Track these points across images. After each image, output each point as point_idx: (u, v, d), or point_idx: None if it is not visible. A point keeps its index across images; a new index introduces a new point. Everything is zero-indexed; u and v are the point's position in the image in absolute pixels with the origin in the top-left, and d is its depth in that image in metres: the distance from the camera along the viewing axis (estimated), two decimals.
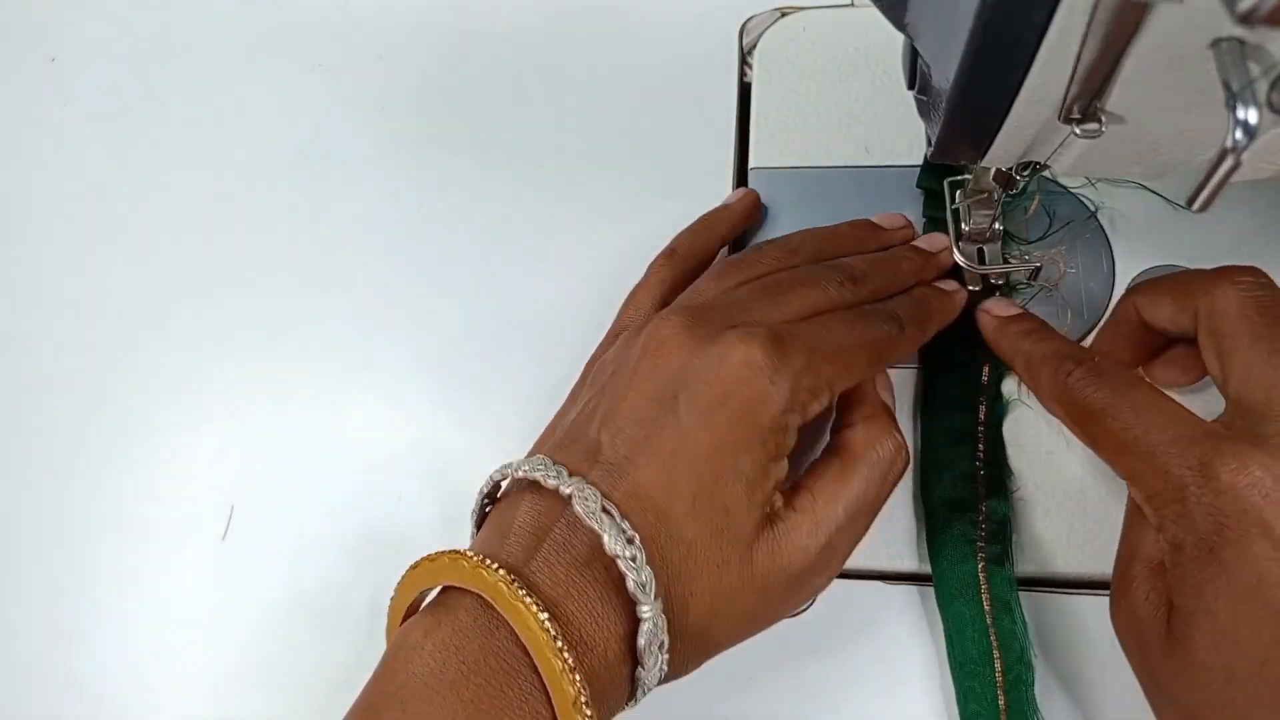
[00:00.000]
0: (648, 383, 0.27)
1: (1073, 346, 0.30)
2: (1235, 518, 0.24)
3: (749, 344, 0.27)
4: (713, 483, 0.26)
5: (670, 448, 0.26)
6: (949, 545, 0.32)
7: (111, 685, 0.37)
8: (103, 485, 0.40)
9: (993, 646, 0.31)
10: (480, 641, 0.24)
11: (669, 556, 0.25)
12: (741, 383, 0.26)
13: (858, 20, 0.41)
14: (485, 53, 0.45)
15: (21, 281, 0.44)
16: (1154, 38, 0.20)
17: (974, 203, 0.34)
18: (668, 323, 0.28)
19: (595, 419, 0.28)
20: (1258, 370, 0.26)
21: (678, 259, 0.35)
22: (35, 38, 0.49)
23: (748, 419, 0.26)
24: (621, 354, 0.30)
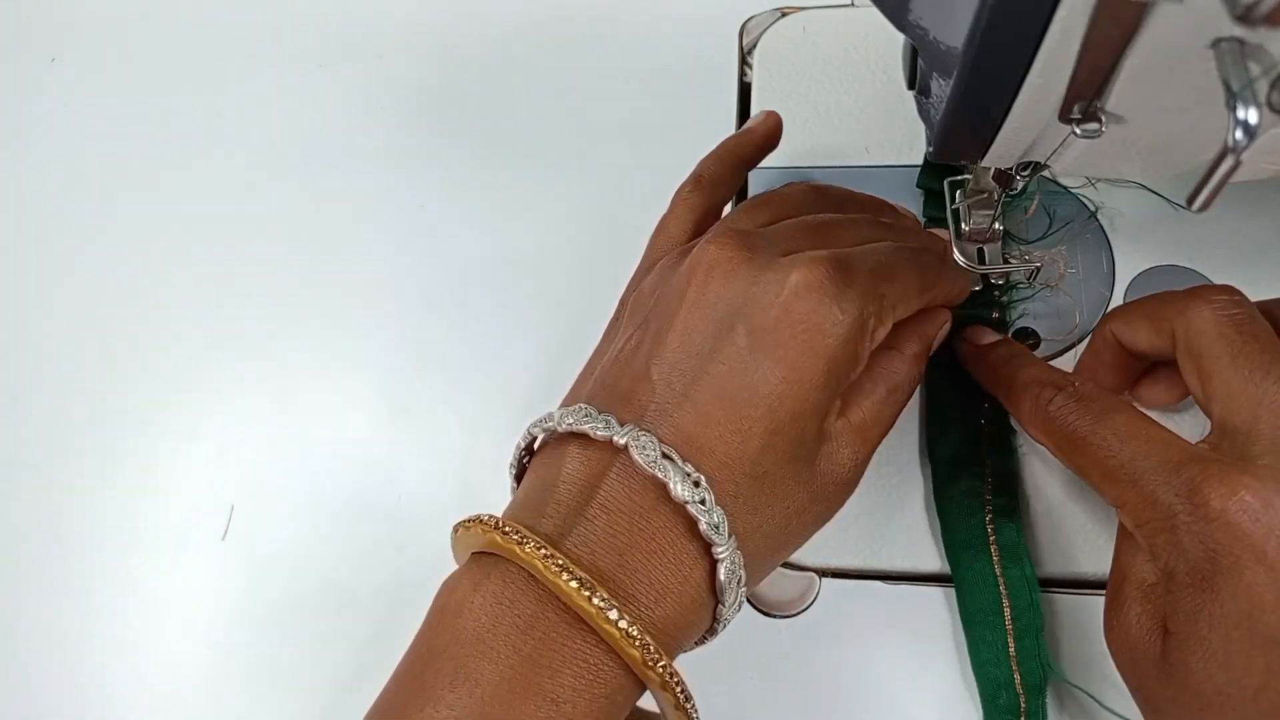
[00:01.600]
0: (700, 311, 0.26)
1: (1052, 372, 0.30)
2: (1227, 545, 0.23)
3: (811, 267, 0.25)
4: (788, 419, 0.25)
5: (736, 381, 0.25)
6: (956, 499, 0.32)
7: (111, 685, 0.37)
8: (103, 485, 0.40)
9: (1002, 597, 0.31)
10: (535, 595, 0.23)
11: (742, 490, 0.25)
12: (809, 310, 0.25)
13: (858, 20, 0.42)
14: (486, 53, 0.45)
15: (21, 281, 0.44)
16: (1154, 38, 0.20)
17: (974, 203, 0.34)
18: (715, 245, 0.27)
19: (640, 353, 0.27)
20: (1239, 390, 0.25)
21: (705, 184, 0.33)
22: (35, 38, 0.49)
23: (818, 348, 0.25)
24: (664, 281, 0.28)
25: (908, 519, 0.34)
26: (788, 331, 0.25)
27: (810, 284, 0.25)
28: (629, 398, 0.26)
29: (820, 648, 0.33)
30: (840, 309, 0.25)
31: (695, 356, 0.26)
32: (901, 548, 0.33)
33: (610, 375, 0.27)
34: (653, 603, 0.24)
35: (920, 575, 0.33)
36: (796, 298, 0.25)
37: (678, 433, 0.25)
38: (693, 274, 0.27)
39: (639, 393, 0.26)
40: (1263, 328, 0.26)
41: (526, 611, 0.23)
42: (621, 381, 0.26)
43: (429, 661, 0.24)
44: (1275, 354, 0.25)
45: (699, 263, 0.27)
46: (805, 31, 0.42)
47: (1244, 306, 0.26)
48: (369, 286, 0.41)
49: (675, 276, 0.27)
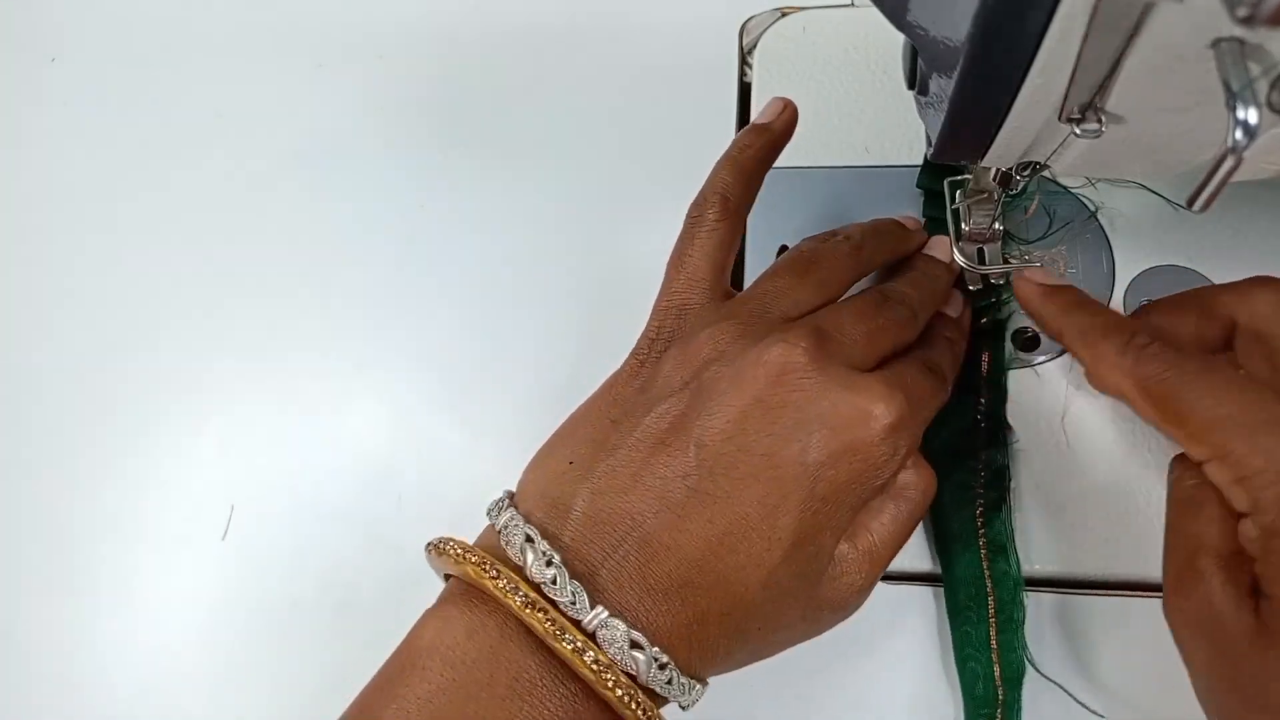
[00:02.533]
0: (759, 408, 0.25)
1: (1134, 321, 0.29)
2: None
3: (888, 403, 0.25)
4: (811, 533, 0.25)
5: (779, 491, 0.25)
6: (948, 492, 0.32)
7: (112, 685, 0.37)
8: (103, 485, 0.40)
9: (988, 592, 0.31)
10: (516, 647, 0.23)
11: (751, 598, 0.25)
12: (869, 444, 0.25)
13: (858, 20, 0.41)
14: (485, 53, 0.45)
15: (21, 281, 0.44)
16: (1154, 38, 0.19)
17: (974, 203, 0.34)
18: (787, 343, 0.26)
19: (687, 424, 0.25)
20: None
21: (733, 210, 0.30)
22: (35, 38, 0.49)
23: (864, 480, 0.25)
24: (722, 353, 0.27)
25: None
26: (846, 459, 0.25)
27: (880, 421, 0.25)
28: (661, 477, 0.25)
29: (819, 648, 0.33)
30: (894, 449, 0.26)
31: (748, 454, 0.25)
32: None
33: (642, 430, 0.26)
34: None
35: (918, 575, 0.33)
36: (865, 430, 0.25)
37: (701, 541, 0.24)
38: (759, 363, 0.26)
39: (672, 473, 0.25)
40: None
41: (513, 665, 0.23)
42: (657, 452, 0.25)
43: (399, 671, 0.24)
44: None
45: (768, 356, 0.26)
46: (805, 31, 0.42)
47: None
48: (369, 286, 0.41)
49: (739, 356, 0.26)
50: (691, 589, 0.24)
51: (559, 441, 0.28)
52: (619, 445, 0.26)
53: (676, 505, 0.24)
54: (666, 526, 0.24)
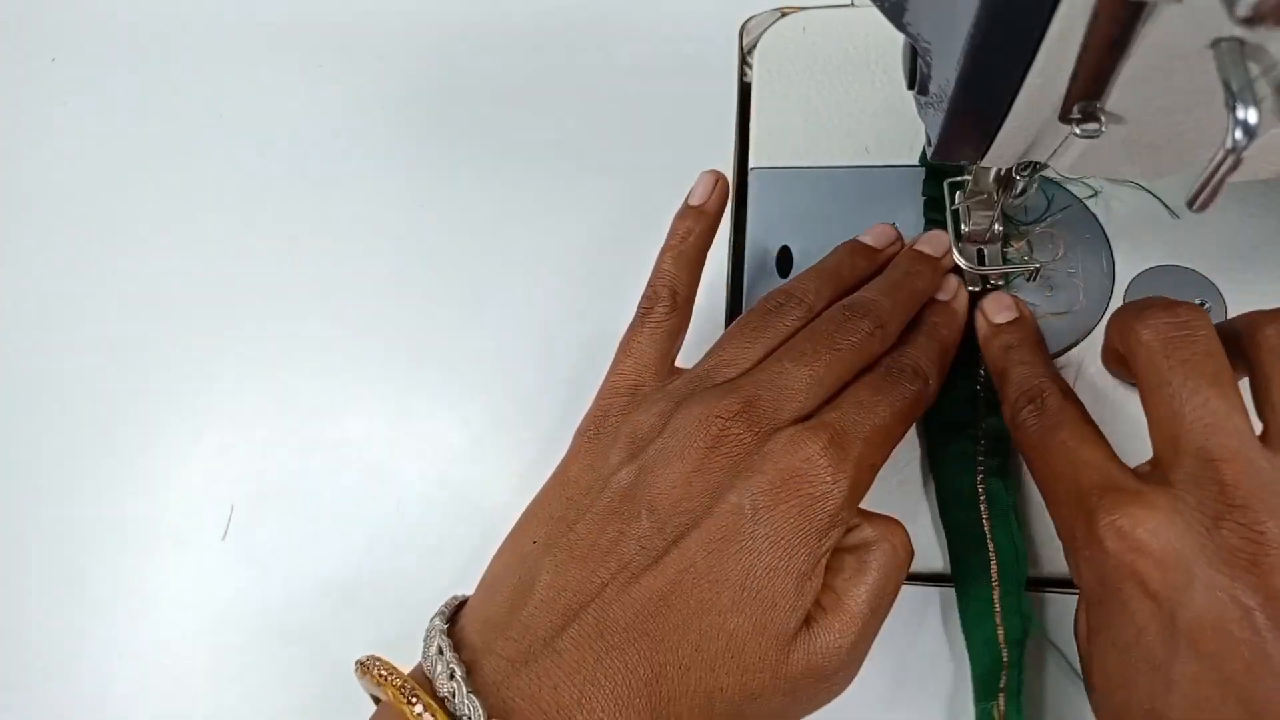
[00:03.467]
0: (699, 473, 0.26)
1: (1035, 376, 0.29)
2: (1112, 574, 0.24)
3: (810, 444, 0.26)
4: (765, 575, 0.25)
5: (722, 537, 0.25)
6: (949, 461, 0.33)
7: (112, 685, 0.37)
8: (103, 485, 0.40)
9: (990, 553, 0.31)
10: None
11: (707, 648, 0.25)
12: (803, 480, 0.26)
13: (858, 20, 0.41)
14: (486, 53, 0.45)
15: (21, 282, 0.44)
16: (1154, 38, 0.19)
17: (974, 203, 0.34)
18: (718, 409, 0.27)
19: (635, 496, 0.27)
20: (1163, 415, 0.25)
21: (680, 303, 0.32)
22: (35, 38, 0.49)
23: (808, 515, 0.25)
24: (662, 426, 0.28)
25: (908, 519, 0.33)
26: (782, 497, 0.26)
27: (809, 459, 0.26)
28: (614, 544, 0.26)
29: None
30: (834, 479, 0.26)
31: (690, 514, 0.26)
32: None
33: (596, 507, 0.27)
34: None
35: (920, 575, 0.33)
36: (795, 471, 0.26)
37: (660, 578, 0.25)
38: (695, 434, 0.27)
39: (624, 539, 0.26)
40: (1198, 350, 0.25)
41: None
42: (609, 522, 0.26)
43: None
44: (1201, 380, 0.25)
45: (702, 427, 0.27)
46: (805, 31, 0.42)
47: (1184, 328, 0.26)
48: (369, 286, 0.41)
49: (678, 428, 0.27)
50: (648, 639, 0.24)
51: (523, 524, 0.29)
52: (577, 520, 0.27)
53: (632, 565, 0.25)
54: (622, 586, 0.25)
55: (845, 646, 0.26)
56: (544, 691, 0.24)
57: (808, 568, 0.25)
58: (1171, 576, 0.23)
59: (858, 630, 0.26)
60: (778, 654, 0.25)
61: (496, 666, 0.24)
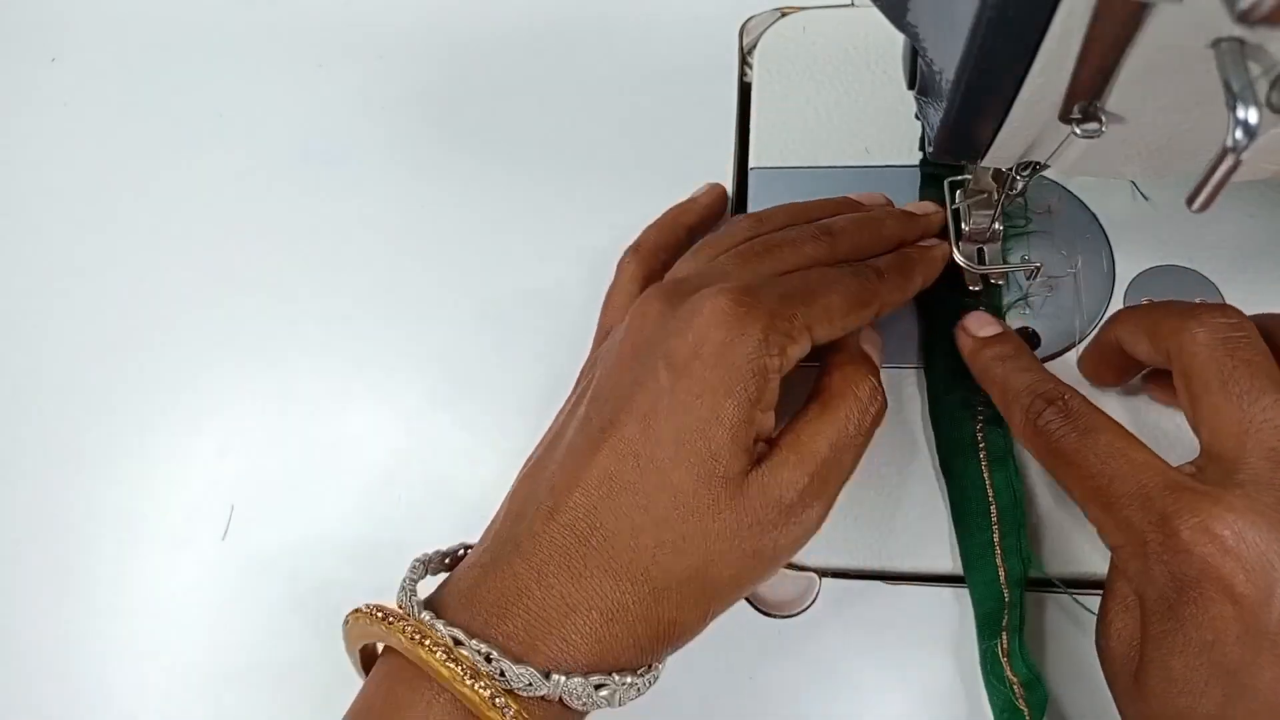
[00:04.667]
0: (628, 353, 0.28)
1: (1045, 381, 0.29)
2: (1194, 576, 0.23)
3: (717, 297, 0.27)
4: (697, 429, 0.26)
5: (650, 403, 0.26)
6: (949, 411, 0.34)
7: (112, 685, 0.37)
8: (103, 485, 0.40)
9: (989, 497, 0.32)
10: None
11: (654, 503, 0.25)
12: (714, 330, 0.26)
13: (858, 20, 0.42)
14: (486, 52, 0.45)
15: (21, 281, 0.44)
16: (1154, 38, 0.20)
17: (974, 203, 0.34)
18: (646, 298, 0.29)
19: (585, 399, 0.28)
20: (1227, 415, 0.25)
21: (643, 253, 0.35)
22: (35, 38, 0.49)
23: (723, 363, 0.26)
24: (606, 345, 0.30)
25: (908, 519, 0.34)
26: (698, 360, 0.26)
27: (716, 309, 0.26)
28: (564, 439, 0.28)
29: (820, 648, 0.33)
30: (742, 328, 0.26)
31: (619, 389, 0.27)
32: (901, 548, 0.33)
33: (559, 420, 0.29)
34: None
35: (920, 575, 0.33)
36: (705, 324, 0.26)
37: (597, 469, 0.26)
38: (629, 327, 0.29)
39: (570, 431, 0.28)
40: (1257, 351, 0.25)
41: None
42: (565, 424, 0.29)
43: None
44: (1267, 380, 0.25)
45: (632, 318, 0.29)
46: (805, 31, 0.42)
47: (1241, 329, 0.26)
48: (368, 286, 0.41)
49: (614, 337, 0.29)
50: (598, 513, 0.26)
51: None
52: (550, 429, 0.30)
53: (575, 449, 0.27)
54: (568, 471, 0.27)
55: (801, 480, 0.26)
56: (505, 580, 0.25)
57: (740, 417, 0.26)
58: (1258, 579, 0.23)
59: (815, 466, 0.27)
60: (730, 494, 0.26)
61: (463, 576, 0.27)
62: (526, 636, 0.25)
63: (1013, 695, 0.30)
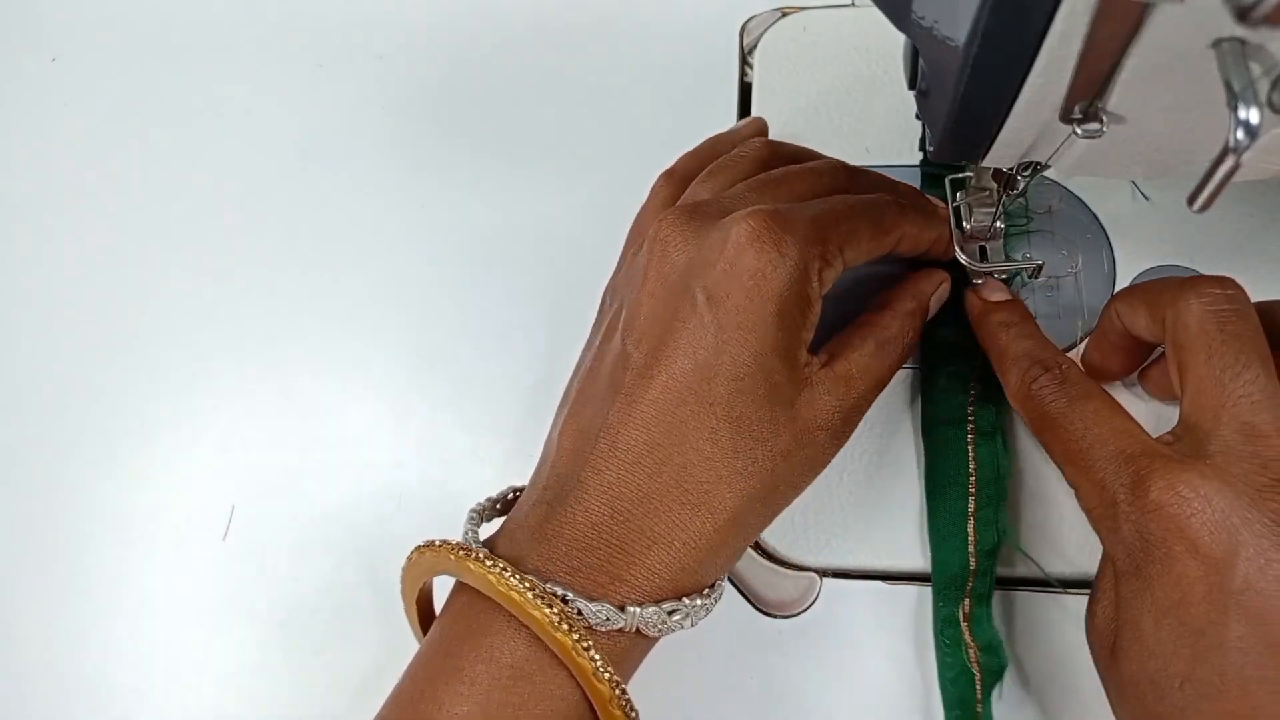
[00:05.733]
0: (658, 284, 0.28)
1: (1044, 349, 0.30)
2: (1161, 535, 0.24)
3: (749, 219, 0.27)
4: (753, 362, 0.26)
5: (696, 337, 0.26)
6: (941, 381, 0.34)
7: (112, 685, 0.37)
8: (103, 485, 0.40)
9: (969, 466, 0.32)
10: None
11: (720, 435, 0.26)
12: (750, 259, 0.26)
13: (858, 20, 0.41)
14: (486, 52, 0.45)
15: (21, 281, 0.44)
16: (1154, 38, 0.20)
17: (975, 201, 0.34)
18: (666, 222, 0.28)
19: (617, 333, 0.28)
20: (1208, 387, 0.25)
21: (677, 178, 0.34)
22: (35, 38, 0.49)
23: (765, 292, 0.26)
24: (630, 266, 0.30)
25: (908, 519, 0.34)
26: (735, 282, 0.26)
27: (750, 234, 0.26)
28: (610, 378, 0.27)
29: (820, 648, 0.33)
30: (780, 252, 0.26)
31: (659, 322, 0.27)
32: (901, 548, 0.33)
33: (594, 355, 0.29)
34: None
35: (920, 575, 0.33)
36: (739, 251, 0.26)
37: (645, 401, 0.26)
38: (651, 253, 0.28)
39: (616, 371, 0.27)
40: (1246, 325, 0.26)
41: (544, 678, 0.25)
42: (602, 361, 0.28)
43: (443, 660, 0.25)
44: (1251, 355, 0.25)
45: (655, 241, 0.28)
46: (805, 31, 0.42)
47: (1234, 302, 0.26)
48: (369, 286, 0.41)
49: (638, 260, 0.29)
50: (661, 449, 0.26)
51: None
52: (582, 374, 0.29)
53: (624, 388, 0.27)
54: (622, 411, 0.26)
55: (848, 407, 0.28)
56: (577, 515, 0.26)
57: (792, 343, 0.27)
58: (1222, 539, 0.23)
59: (859, 395, 0.28)
60: (790, 417, 0.27)
61: (528, 515, 0.27)
62: (611, 568, 0.25)
63: (966, 659, 0.30)
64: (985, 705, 0.30)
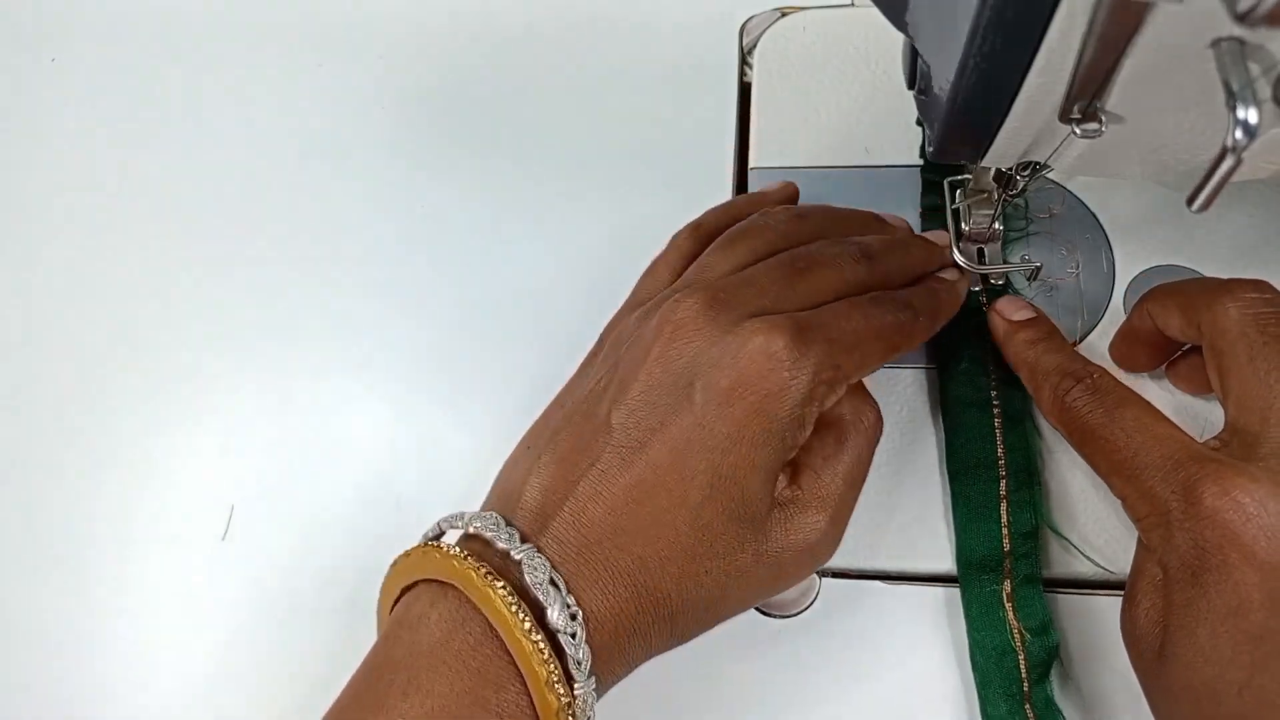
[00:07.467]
0: (661, 367, 0.27)
1: (1075, 361, 0.30)
2: (1216, 542, 0.24)
3: (770, 334, 0.26)
4: (729, 471, 0.26)
5: (685, 436, 0.26)
6: (964, 363, 0.33)
7: (111, 685, 0.37)
8: (103, 485, 0.40)
9: (998, 455, 0.32)
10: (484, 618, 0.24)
11: (682, 536, 0.25)
12: (761, 374, 0.26)
13: (858, 20, 0.42)
14: (486, 52, 0.45)
15: (21, 281, 0.44)
16: (1154, 38, 0.20)
17: (974, 202, 0.34)
18: (684, 304, 0.27)
19: (606, 398, 0.28)
20: (1253, 390, 0.25)
21: (702, 234, 0.33)
22: (35, 38, 0.49)
23: (766, 411, 0.26)
24: (637, 332, 0.29)
25: (907, 519, 0.34)
26: (740, 393, 0.26)
27: (767, 351, 0.26)
28: (588, 446, 0.27)
29: (820, 648, 0.33)
30: (791, 375, 0.26)
31: (654, 408, 0.26)
32: (901, 548, 0.33)
33: (578, 413, 0.28)
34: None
35: (920, 575, 0.33)
36: (752, 362, 0.26)
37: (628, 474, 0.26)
38: (660, 330, 0.27)
39: (601, 431, 0.27)
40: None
41: (477, 630, 0.24)
42: (585, 425, 0.27)
43: (384, 671, 0.25)
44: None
45: (667, 320, 0.27)
46: (805, 31, 0.42)
47: (1272, 304, 0.26)
48: (369, 286, 0.41)
49: (647, 329, 0.28)
50: (625, 534, 0.25)
51: (528, 433, 0.31)
52: (562, 426, 0.28)
53: (603, 465, 0.26)
54: (594, 485, 0.26)
55: (824, 522, 0.27)
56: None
57: (776, 464, 0.26)
58: (1279, 544, 0.23)
59: (834, 507, 0.27)
60: (756, 536, 0.26)
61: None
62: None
63: (1011, 639, 0.30)
64: (1041, 687, 0.30)
